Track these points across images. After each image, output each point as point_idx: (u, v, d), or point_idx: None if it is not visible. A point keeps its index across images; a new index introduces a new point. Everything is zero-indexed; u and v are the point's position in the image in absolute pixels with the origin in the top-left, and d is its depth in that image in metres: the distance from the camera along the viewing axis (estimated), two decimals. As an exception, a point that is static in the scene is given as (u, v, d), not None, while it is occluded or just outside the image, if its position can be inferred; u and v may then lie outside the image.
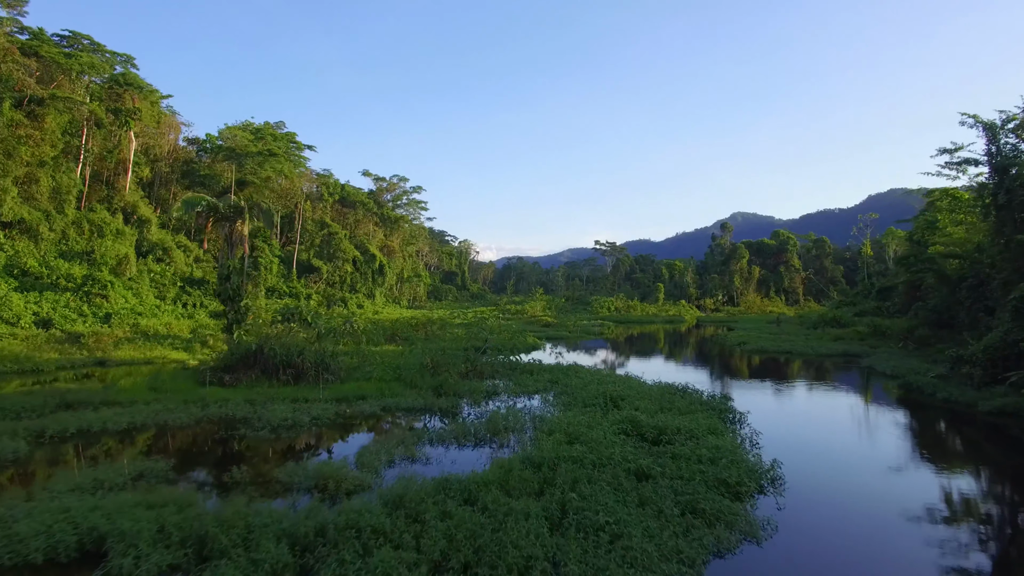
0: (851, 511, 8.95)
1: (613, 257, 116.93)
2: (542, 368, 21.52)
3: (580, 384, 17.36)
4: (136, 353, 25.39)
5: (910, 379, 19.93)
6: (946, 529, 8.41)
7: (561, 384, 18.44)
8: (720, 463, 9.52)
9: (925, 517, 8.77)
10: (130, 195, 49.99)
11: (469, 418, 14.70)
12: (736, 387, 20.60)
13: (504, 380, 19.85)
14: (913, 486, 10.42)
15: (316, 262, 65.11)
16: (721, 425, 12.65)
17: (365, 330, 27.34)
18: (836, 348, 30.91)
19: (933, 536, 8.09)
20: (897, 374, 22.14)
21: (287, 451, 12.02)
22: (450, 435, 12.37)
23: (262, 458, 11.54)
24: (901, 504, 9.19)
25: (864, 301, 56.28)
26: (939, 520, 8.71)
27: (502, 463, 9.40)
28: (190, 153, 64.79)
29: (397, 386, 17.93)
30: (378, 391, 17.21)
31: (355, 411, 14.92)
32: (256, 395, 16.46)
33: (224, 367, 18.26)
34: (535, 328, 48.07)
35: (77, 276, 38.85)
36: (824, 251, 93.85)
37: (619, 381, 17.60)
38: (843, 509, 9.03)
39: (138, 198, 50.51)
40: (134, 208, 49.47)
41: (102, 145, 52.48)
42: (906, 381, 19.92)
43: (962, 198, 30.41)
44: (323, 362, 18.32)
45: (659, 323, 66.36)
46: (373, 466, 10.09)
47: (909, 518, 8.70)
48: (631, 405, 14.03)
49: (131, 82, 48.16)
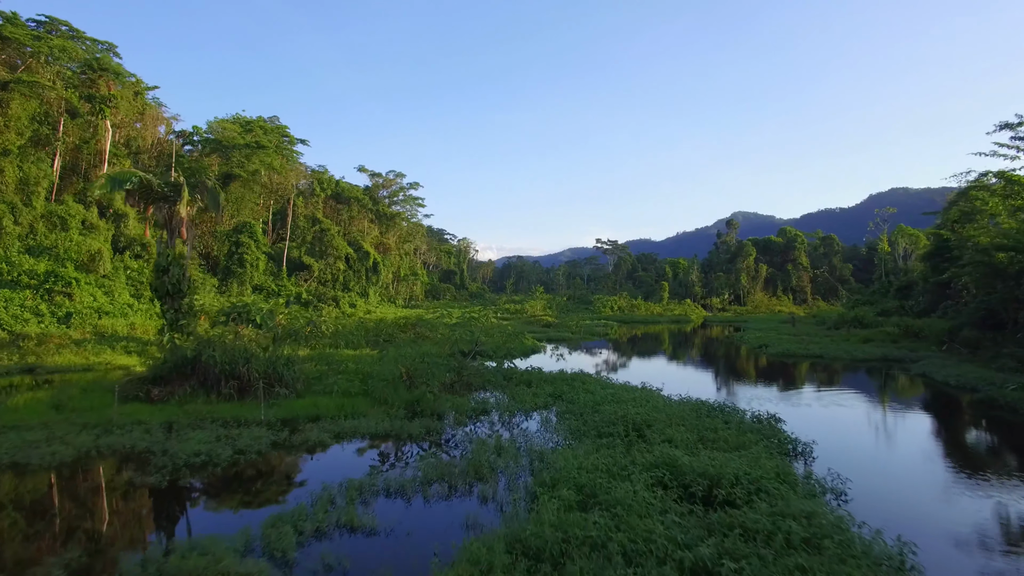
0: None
1: (615, 256, 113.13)
2: (543, 377, 17.89)
3: (590, 401, 13.71)
4: (78, 358, 21.83)
5: (991, 393, 16.17)
6: None
7: (567, 399, 14.82)
8: (825, 550, 5.88)
9: None
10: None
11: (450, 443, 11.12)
12: (776, 401, 16.90)
13: (497, 393, 16.25)
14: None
15: (307, 259, 61.59)
16: (788, 466, 9.01)
17: (340, 332, 23.75)
18: (871, 352, 27.18)
19: None
20: (964, 385, 18.47)
21: (168, 512, 8.38)
22: (414, 483, 8.75)
23: (124, 522, 7.96)
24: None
25: (883, 300, 52.55)
26: None
27: (477, 552, 5.80)
28: (176, 146, 61.30)
29: (363, 402, 14.33)
30: (338, 409, 13.62)
31: (299, 440, 11.32)
32: (184, 415, 12.92)
33: (153, 378, 14.68)
34: (535, 329, 44.45)
35: (40, 272, 35.28)
36: (833, 249, 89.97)
37: (638, 397, 13.94)
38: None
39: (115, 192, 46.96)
40: (110, 201, 45.98)
41: (78, 135, 49.06)
42: (987, 396, 16.15)
43: (1021, 181, 26.64)
44: (275, 372, 14.73)
45: (665, 323, 62.65)
46: (283, 547, 6.49)
47: None
48: (660, 434, 10.40)
49: (106, 67, 44.57)
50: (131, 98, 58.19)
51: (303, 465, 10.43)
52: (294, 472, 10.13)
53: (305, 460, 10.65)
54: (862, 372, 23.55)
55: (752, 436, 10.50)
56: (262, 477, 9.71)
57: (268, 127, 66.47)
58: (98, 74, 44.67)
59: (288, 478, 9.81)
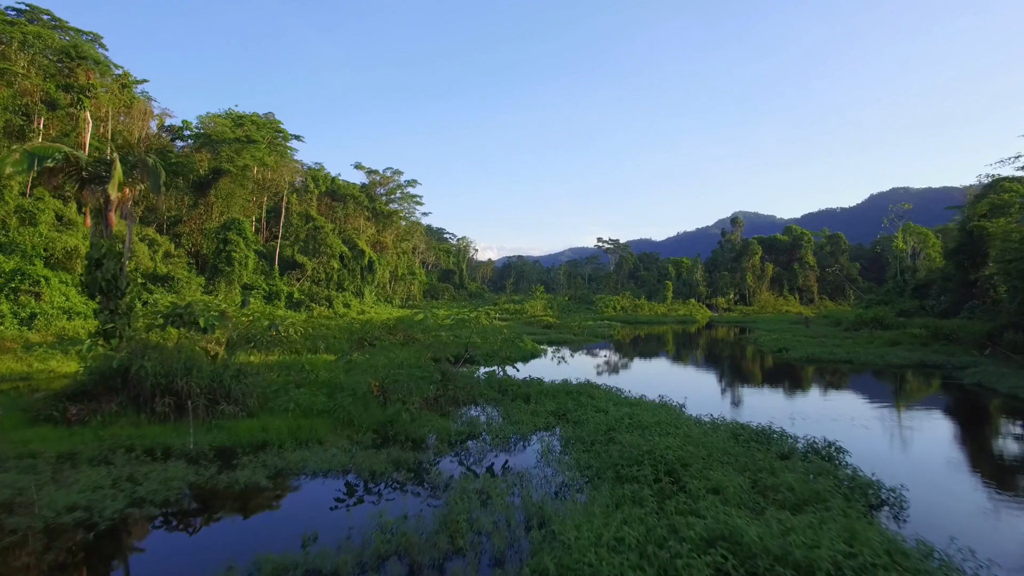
0: None
1: (616, 255, 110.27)
2: (544, 390, 15.13)
3: (602, 424, 10.95)
4: (18, 365, 19.10)
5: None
6: None
7: (572, 419, 12.10)
8: None
9: None
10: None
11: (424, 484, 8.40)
12: (824, 421, 14.03)
13: (489, 409, 13.53)
14: None
15: (300, 258, 58.94)
16: (898, 541, 6.23)
17: (323, 334, 21.08)
18: (905, 357, 24.29)
19: None
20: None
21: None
22: (358, 561, 6.02)
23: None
24: None
25: (899, 300, 49.74)
26: None
27: None
28: (165, 141, 58.66)
29: (325, 423, 11.61)
30: (292, 433, 10.91)
31: (225, 481, 8.60)
32: (97, 441, 10.23)
33: (72, 394, 11.97)
34: (535, 330, 41.71)
35: (7, 270, 32.63)
36: (840, 247, 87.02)
37: (662, 420, 11.16)
38: None
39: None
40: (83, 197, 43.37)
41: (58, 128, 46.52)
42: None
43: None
44: (221, 386, 12.01)
45: (670, 323, 59.82)
46: None
47: None
48: (702, 478, 7.65)
49: (85, 55, 41.85)
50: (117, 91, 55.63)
51: (214, 526, 7.62)
52: (200, 535, 7.33)
53: (223, 515, 7.87)
54: (904, 380, 20.69)
55: (824, 482, 7.73)
56: (149, 546, 6.95)
57: (261, 122, 63.86)
58: (76, 63, 42.00)
59: (180, 550, 6.98)
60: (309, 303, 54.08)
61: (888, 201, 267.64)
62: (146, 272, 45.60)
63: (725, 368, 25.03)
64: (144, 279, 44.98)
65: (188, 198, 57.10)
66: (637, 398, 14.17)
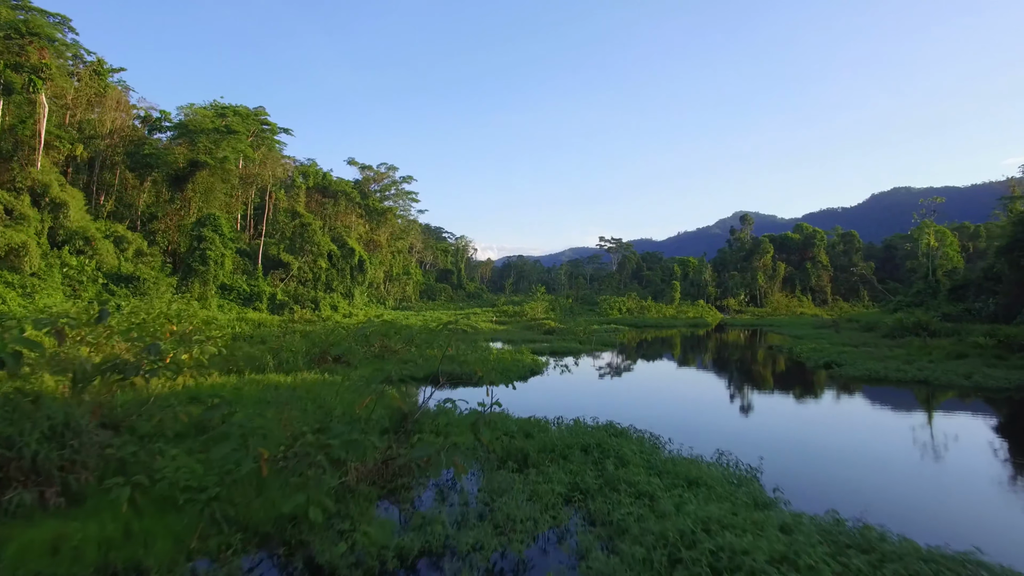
0: None
1: (619, 254, 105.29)
2: (550, 442, 10.12)
3: (656, 537, 6.01)
4: None
5: None
6: None
7: (599, 511, 7.17)
8: None
9: None
10: (42, 173, 39.09)
11: None
12: (958, 496, 9.19)
13: (465, 483, 8.59)
14: None
15: (286, 256, 54.18)
16: None
17: (228, 355, 16.22)
18: (1000, 377, 18.62)
19: None
20: None
21: None
22: None
23: None
24: None
25: (932, 302, 44.71)
26: None
27: None
28: (140, 132, 53.92)
29: (190, 520, 6.70)
30: (105, 552, 6.00)
31: None
32: None
33: None
34: (535, 336, 36.80)
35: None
36: (853, 246, 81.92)
37: (760, 520, 6.24)
38: None
39: (52, 178, 39.56)
40: (45, 189, 38.61)
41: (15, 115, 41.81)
42: None
43: None
44: (18, 456, 7.11)
45: (680, 326, 54.85)
46: None
47: None
48: None
49: (36, 31, 37.02)
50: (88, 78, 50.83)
51: None
52: None
53: None
54: (1018, 415, 15.58)
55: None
56: None
57: (245, 112, 59.10)
58: (27, 40, 37.17)
59: None
60: (293, 305, 49.28)
61: (889, 200, 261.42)
62: (109, 272, 40.83)
63: (774, 392, 19.81)
64: (106, 279, 40.22)
65: (164, 192, 52.39)
66: (689, 458, 9.23)
